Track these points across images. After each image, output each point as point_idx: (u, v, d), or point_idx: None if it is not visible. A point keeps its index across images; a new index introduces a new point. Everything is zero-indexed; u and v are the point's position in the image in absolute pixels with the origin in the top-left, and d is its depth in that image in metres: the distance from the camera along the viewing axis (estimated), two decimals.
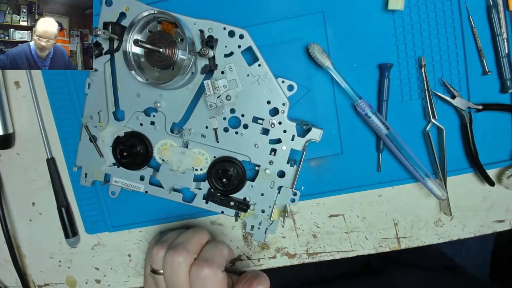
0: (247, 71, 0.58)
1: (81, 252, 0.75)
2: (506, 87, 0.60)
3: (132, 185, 0.65)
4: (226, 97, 0.58)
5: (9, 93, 0.70)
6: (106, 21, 0.59)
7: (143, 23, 0.57)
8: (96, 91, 0.62)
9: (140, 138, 0.62)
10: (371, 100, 0.62)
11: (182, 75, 0.55)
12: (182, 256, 0.55)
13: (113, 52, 0.60)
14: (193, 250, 0.57)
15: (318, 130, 0.59)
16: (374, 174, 0.66)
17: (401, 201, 0.67)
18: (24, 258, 0.76)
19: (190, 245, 0.57)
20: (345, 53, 0.63)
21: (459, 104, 0.61)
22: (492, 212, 0.67)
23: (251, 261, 0.72)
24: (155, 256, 0.58)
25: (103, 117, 0.63)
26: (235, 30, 0.57)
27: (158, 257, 0.58)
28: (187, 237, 0.58)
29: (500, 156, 0.64)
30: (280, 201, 0.63)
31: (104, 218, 0.71)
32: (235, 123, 0.60)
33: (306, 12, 0.62)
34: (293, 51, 0.63)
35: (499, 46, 0.59)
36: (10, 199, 0.74)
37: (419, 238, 0.69)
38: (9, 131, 0.70)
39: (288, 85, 0.59)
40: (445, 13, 0.60)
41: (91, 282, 0.76)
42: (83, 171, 0.66)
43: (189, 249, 0.56)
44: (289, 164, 0.60)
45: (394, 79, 0.62)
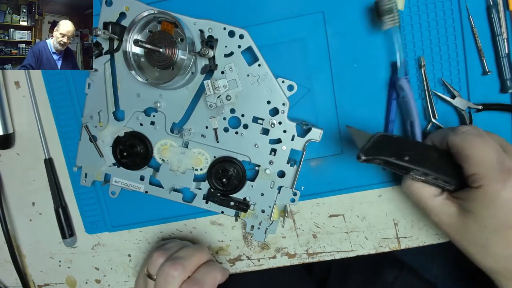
0: (247, 71, 0.58)
1: (81, 252, 0.75)
2: (506, 87, 0.60)
3: (132, 185, 0.65)
4: (226, 97, 0.58)
5: (9, 93, 0.70)
6: (106, 21, 0.59)
7: (143, 23, 0.57)
8: (96, 91, 0.62)
9: (140, 138, 0.62)
10: (376, 100, 0.63)
11: (182, 75, 0.55)
12: (178, 271, 0.57)
13: (113, 52, 0.60)
14: (189, 269, 0.59)
15: (318, 130, 0.59)
16: (374, 174, 0.66)
17: (401, 201, 0.67)
18: (24, 258, 0.76)
19: (188, 262, 0.59)
20: (345, 53, 0.62)
21: (459, 104, 0.61)
22: None
23: (251, 261, 0.72)
24: (154, 261, 0.60)
25: (103, 117, 0.63)
26: (235, 30, 0.57)
27: (156, 263, 0.60)
28: (188, 254, 0.61)
29: None
30: (280, 201, 0.63)
31: (104, 218, 0.71)
32: (235, 123, 0.60)
33: (306, 12, 0.62)
34: (293, 51, 0.63)
35: (499, 46, 0.59)
36: (10, 199, 0.74)
37: (419, 238, 0.68)
38: (9, 131, 0.70)
39: (288, 85, 0.59)
40: (445, 13, 0.60)
41: (91, 282, 0.76)
42: (83, 171, 0.66)
43: (186, 266, 0.59)
44: (289, 164, 0.60)
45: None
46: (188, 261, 0.59)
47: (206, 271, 0.61)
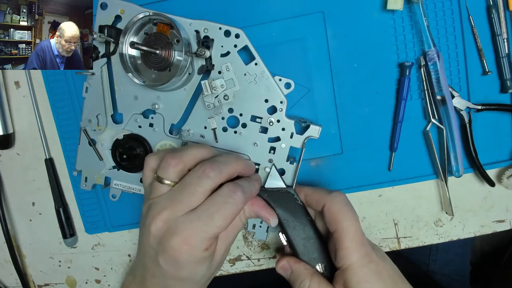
0: (244, 70, 0.58)
1: (81, 252, 0.75)
2: (506, 87, 0.60)
3: (133, 188, 0.65)
4: (223, 97, 0.58)
5: (9, 93, 0.70)
6: (102, 24, 0.59)
7: (138, 25, 0.56)
8: (94, 95, 0.62)
9: (139, 140, 0.62)
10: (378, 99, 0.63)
11: (179, 76, 0.55)
12: (214, 171, 0.49)
13: (109, 55, 0.60)
14: (226, 175, 0.51)
15: (317, 127, 0.58)
16: (374, 174, 0.66)
17: (401, 201, 0.67)
18: (24, 258, 0.77)
19: (226, 169, 0.51)
20: (345, 53, 0.62)
21: (458, 104, 0.61)
22: (492, 212, 0.67)
23: (251, 261, 0.72)
24: (166, 166, 0.51)
25: (101, 121, 0.62)
26: (230, 30, 0.57)
27: (176, 169, 0.50)
28: (227, 160, 0.52)
29: (500, 156, 0.64)
30: None
31: (104, 218, 0.71)
32: (234, 122, 0.60)
33: (306, 12, 0.62)
34: (293, 51, 0.63)
35: (499, 46, 0.59)
36: (10, 199, 0.74)
37: (419, 238, 0.68)
38: (9, 131, 0.70)
39: (285, 83, 0.58)
40: (445, 13, 0.60)
41: (91, 282, 0.76)
42: (83, 174, 0.66)
43: (223, 171, 0.50)
44: (289, 162, 0.60)
45: (394, 79, 0.62)
46: (226, 166, 0.51)
47: (251, 184, 0.53)
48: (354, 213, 0.53)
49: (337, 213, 0.52)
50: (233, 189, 0.49)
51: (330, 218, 0.53)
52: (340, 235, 0.51)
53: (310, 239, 0.55)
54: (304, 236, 0.55)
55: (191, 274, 0.50)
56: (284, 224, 0.55)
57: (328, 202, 0.53)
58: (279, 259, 0.56)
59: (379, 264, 0.51)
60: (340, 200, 0.53)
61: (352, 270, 0.50)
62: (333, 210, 0.53)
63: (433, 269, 0.95)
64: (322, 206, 0.54)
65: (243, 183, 0.52)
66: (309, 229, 0.56)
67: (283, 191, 0.57)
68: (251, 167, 0.57)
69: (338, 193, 0.54)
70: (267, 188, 0.57)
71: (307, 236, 0.55)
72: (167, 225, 0.48)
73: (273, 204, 0.56)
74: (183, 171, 0.51)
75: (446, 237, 0.68)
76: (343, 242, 0.51)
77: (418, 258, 0.96)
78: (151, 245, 0.49)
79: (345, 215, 0.52)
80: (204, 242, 0.48)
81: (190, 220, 0.47)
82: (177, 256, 0.47)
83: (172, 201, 0.48)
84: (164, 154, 0.51)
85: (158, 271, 0.50)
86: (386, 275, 0.51)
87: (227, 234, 0.53)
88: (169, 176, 0.50)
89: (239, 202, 0.49)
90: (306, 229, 0.55)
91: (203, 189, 0.48)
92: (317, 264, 0.55)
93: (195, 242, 0.47)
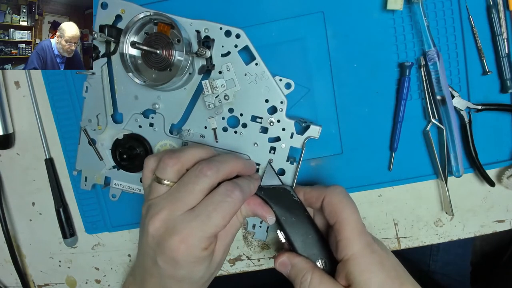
0: (244, 70, 0.58)
1: (81, 252, 0.75)
2: (506, 87, 0.60)
3: (133, 187, 0.65)
4: (224, 97, 0.58)
5: (9, 93, 0.70)
6: (102, 24, 0.59)
7: (139, 25, 0.56)
8: (94, 94, 0.62)
9: (139, 140, 0.62)
10: (378, 99, 0.63)
11: (180, 76, 0.55)
12: (212, 170, 0.49)
13: (110, 55, 0.60)
14: (224, 174, 0.51)
15: (317, 127, 0.58)
16: (374, 174, 0.66)
17: (401, 201, 0.67)
18: (24, 258, 0.77)
19: (223, 167, 0.51)
20: (345, 53, 0.62)
21: (458, 104, 0.61)
22: (492, 212, 0.67)
23: (251, 261, 0.72)
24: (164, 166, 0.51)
25: (101, 120, 0.62)
26: (231, 30, 0.57)
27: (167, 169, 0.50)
28: (225, 159, 0.52)
29: (500, 156, 0.64)
30: None
31: (104, 218, 0.71)
32: (234, 122, 0.60)
33: (306, 12, 0.62)
34: (293, 51, 0.63)
35: (499, 46, 0.59)
36: (10, 199, 0.74)
37: (419, 238, 0.68)
38: (9, 131, 0.70)
39: (285, 83, 0.58)
40: (445, 13, 0.60)
41: (91, 282, 0.76)
42: (83, 174, 0.66)
43: (220, 170, 0.50)
44: (289, 162, 0.60)
45: (394, 79, 0.62)
46: (223, 165, 0.51)
47: (249, 183, 0.54)
48: (354, 204, 0.53)
49: (337, 204, 0.52)
50: (230, 187, 0.49)
51: (330, 210, 0.53)
52: (341, 225, 0.51)
53: (308, 235, 0.55)
54: (303, 232, 0.55)
55: (189, 274, 0.50)
56: (282, 221, 0.55)
57: (327, 195, 0.54)
58: (278, 255, 0.56)
59: (382, 255, 0.51)
60: (339, 192, 0.54)
61: (354, 260, 0.49)
62: (333, 202, 0.53)
63: (434, 269, 0.95)
64: (322, 200, 0.54)
65: (241, 181, 0.52)
66: (307, 225, 0.55)
67: (280, 188, 0.57)
68: (251, 166, 0.57)
69: (337, 186, 0.55)
70: (263, 186, 0.57)
71: (305, 232, 0.55)
72: (166, 225, 0.48)
73: (270, 201, 0.56)
74: (181, 171, 0.51)
75: (446, 237, 0.68)
76: (344, 232, 0.51)
77: (418, 258, 0.96)
78: (149, 245, 0.49)
79: (345, 205, 0.52)
80: (203, 241, 0.48)
81: (188, 220, 0.47)
82: (175, 256, 0.47)
83: (170, 201, 0.48)
84: (162, 155, 0.51)
85: (156, 271, 0.50)
86: (389, 266, 0.51)
87: (226, 234, 0.54)
88: (168, 176, 0.50)
89: (237, 201, 0.49)
90: (304, 225, 0.55)
91: (200, 187, 0.48)
92: (317, 260, 0.54)
93: (193, 242, 0.47)
